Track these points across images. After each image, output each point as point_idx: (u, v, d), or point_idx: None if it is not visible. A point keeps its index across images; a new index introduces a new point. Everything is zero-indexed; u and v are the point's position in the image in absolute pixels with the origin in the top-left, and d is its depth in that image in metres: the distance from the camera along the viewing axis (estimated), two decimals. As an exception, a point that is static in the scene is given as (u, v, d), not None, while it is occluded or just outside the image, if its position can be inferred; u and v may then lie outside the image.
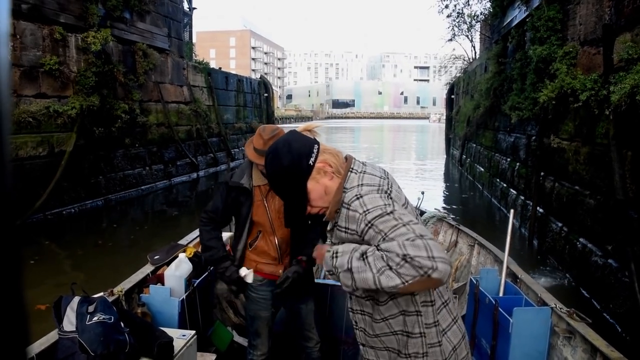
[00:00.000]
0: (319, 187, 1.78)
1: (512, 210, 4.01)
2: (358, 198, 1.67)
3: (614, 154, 5.83)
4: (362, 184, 1.72)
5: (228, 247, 3.75)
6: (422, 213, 6.02)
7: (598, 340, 2.84)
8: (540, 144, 8.86)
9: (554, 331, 3.21)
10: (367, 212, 1.62)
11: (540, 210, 8.79)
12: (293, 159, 1.75)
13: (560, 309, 3.22)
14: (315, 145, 1.84)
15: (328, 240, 1.90)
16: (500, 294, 3.71)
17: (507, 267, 3.85)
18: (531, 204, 9.17)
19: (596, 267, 6.29)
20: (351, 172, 1.80)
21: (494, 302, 3.42)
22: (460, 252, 5.35)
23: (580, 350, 2.98)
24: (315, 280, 3.55)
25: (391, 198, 1.67)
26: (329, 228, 1.85)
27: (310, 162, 1.77)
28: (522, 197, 10.24)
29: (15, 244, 0.49)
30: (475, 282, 3.80)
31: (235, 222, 3.23)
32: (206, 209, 3.20)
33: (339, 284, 4.04)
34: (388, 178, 1.81)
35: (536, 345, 3.18)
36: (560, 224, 7.80)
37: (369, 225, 1.61)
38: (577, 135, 7.32)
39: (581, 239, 6.91)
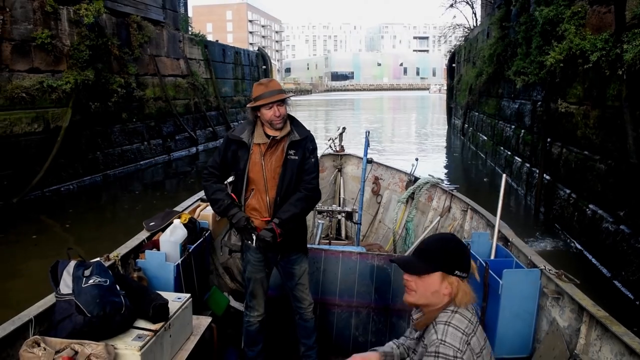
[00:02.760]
0: (437, 285, 1.96)
1: (504, 175, 3.99)
2: (446, 324, 1.88)
3: (627, 116, 5.62)
4: (457, 311, 1.93)
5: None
6: (415, 179, 6.02)
7: (585, 300, 2.89)
8: (546, 109, 8.64)
9: (543, 292, 3.26)
10: (442, 343, 1.83)
11: (547, 177, 8.62)
12: (457, 249, 2.04)
13: (549, 270, 3.25)
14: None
15: (409, 346, 2.14)
16: (492, 257, 3.74)
17: (499, 231, 3.89)
18: (537, 171, 8.99)
19: (607, 234, 6.13)
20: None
21: (484, 264, 3.43)
22: (454, 217, 5.31)
23: (568, 310, 3.05)
24: (309, 246, 3.54)
25: (468, 344, 1.84)
26: (416, 336, 2.07)
27: (458, 272, 1.98)
28: (528, 165, 10.05)
29: None
30: (467, 246, 3.75)
31: (233, 178, 3.29)
32: (207, 165, 3.30)
33: (333, 248, 3.93)
34: (476, 326, 1.96)
35: (525, 306, 3.24)
36: (568, 191, 7.63)
37: (436, 355, 1.81)
38: (586, 99, 7.09)
39: (591, 206, 6.74)
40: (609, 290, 5.71)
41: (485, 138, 15.44)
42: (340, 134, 7.28)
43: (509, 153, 11.82)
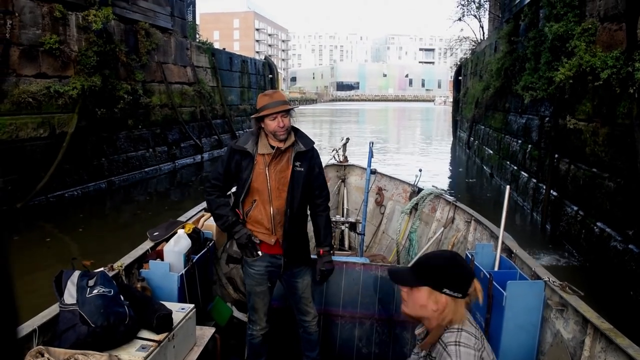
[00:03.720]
0: (424, 299, 1.96)
1: (507, 187, 3.95)
2: (456, 345, 1.86)
3: (637, 134, 5.57)
4: (462, 330, 1.91)
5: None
6: (419, 190, 6.02)
7: (589, 312, 2.87)
8: (555, 125, 8.58)
9: (547, 304, 3.24)
10: None
11: (554, 193, 8.55)
12: (450, 268, 1.98)
13: (554, 282, 3.24)
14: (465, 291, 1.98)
15: None
16: (495, 269, 3.70)
17: (503, 242, 3.86)
18: (544, 187, 8.92)
19: (615, 253, 6.06)
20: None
21: (488, 276, 3.42)
22: (457, 229, 5.28)
23: (572, 322, 3.02)
24: (313, 256, 3.54)
25: (482, 359, 1.85)
26: (423, 354, 2.05)
27: (447, 290, 1.93)
28: (534, 180, 9.98)
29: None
30: (470, 257, 3.80)
31: (235, 189, 3.28)
32: (209, 177, 3.29)
33: (336, 259, 3.88)
34: (482, 340, 1.95)
35: (529, 318, 3.23)
36: (575, 208, 7.56)
37: None
38: (595, 116, 7.04)
39: (599, 224, 6.67)
40: (614, 304, 5.63)
41: (491, 152, 15.37)
42: (344, 145, 7.32)
43: (515, 168, 11.75)
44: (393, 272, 2.13)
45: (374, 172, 6.32)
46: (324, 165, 6.97)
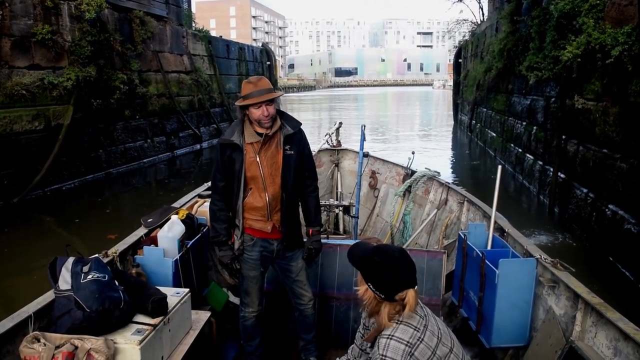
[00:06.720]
0: (360, 282, 2.11)
1: (499, 167, 3.97)
2: (388, 338, 1.95)
3: (652, 113, 5.37)
4: (401, 322, 1.99)
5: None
6: (412, 173, 6.05)
7: (580, 288, 2.93)
8: (562, 106, 8.37)
9: (539, 281, 3.29)
10: (383, 358, 1.91)
11: (562, 175, 8.36)
12: (381, 267, 2.03)
13: (545, 259, 3.29)
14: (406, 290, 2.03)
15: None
16: (488, 248, 3.74)
17: (495, 222, 3.93)
18: (551, 169, 8.74)
19: (629, 236, 5.88)
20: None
21: (480, 255, 3.46)
22: (450, 210, 5.32)
23: (563, 298, 3.09)
24: (307, 240, 3.56)
25: (412, 355, 1.92)
26: (369, 346, 2.15)
27: (371, 285, 2.05)
28: (541, 162, 9.79)
29: None
30: (463, 237, 3.84)
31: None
32: (212, 179, 3.31)
33: (331, 242, 4.00)
34: (424, 330, 2.00)
35: (522, 295, 3.27)
36: (585, 190, 7.37)
37: None
38: (605, 95, 6.83)
39: (611, 206, 6.49)
40: (610, 281, 5.62)
41: (494, 135, 15.16)
42: (337, 129, 7.33)
43: (520, 150, 11.55)
44: (351, 248, 2.23)
45: (366, 155, 6.38)
46: (317, 150, 6.99)
